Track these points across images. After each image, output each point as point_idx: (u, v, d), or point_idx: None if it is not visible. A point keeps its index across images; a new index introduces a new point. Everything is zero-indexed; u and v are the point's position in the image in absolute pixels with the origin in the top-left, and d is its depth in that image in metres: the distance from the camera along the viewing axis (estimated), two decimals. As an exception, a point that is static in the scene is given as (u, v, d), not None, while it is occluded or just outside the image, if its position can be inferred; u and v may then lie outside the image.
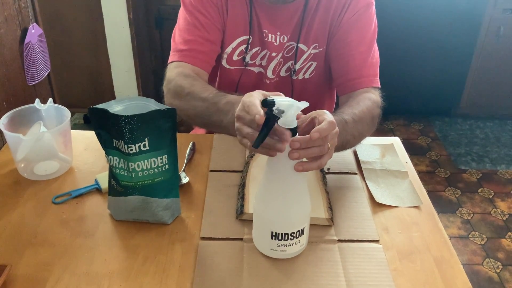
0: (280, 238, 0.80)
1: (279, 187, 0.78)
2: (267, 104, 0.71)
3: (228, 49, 1.16)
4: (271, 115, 0.70)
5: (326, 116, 0.75)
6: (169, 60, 1.14)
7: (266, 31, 1.14)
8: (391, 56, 2.81)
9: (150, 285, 0.78)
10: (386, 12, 2.64)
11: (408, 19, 2.76)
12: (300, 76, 1.20)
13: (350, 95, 1.10)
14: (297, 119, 0.74)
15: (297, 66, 1.18)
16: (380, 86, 1.12)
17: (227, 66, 1.19)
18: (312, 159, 0.74)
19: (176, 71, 1.09)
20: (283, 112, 0.71)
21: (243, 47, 1.16)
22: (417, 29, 2.80)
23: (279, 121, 0.72)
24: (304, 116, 0.80)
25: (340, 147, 0.96)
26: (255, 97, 0.75)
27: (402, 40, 2.81)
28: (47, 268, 0.81)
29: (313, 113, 0.78)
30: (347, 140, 0.96)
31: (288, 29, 1.14)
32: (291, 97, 0.74)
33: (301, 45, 1.16)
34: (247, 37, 1.14)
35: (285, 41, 1.15)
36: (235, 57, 1.18)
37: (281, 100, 0.72)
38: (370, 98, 1.06)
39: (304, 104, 0.73)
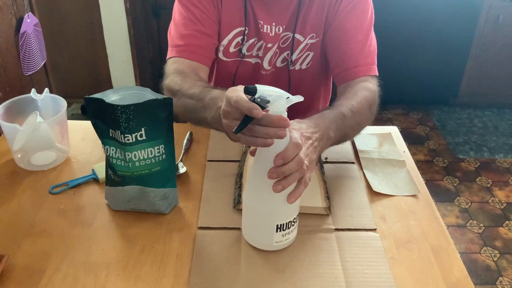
0: (284, 228, 0.80)
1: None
2: (249, 91, 0.70)
3: (224, 41, 1.16)
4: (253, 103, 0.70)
5: (292, 136, 0.75)
6: (167, 56, 1.13)
7: (262, 22, 1.13)
8: (390, 46, 2.80)
9: (147, 274, 0.79)
10: (384, 2, 2.62)
11: (406, 8, 2.75)
12: (297, 67, 1.19)
13: (348, 84, 1.10)
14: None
15: (294, 57, 1.17)
16: (378, 74, 1.11)
17: (224, 58, 1.19)
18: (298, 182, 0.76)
19: (172, 68, 1.08)
20: (268, 102, 0.70)
21: (239, 38, 1.15)
22: (416, 18, 2.78)
23: (268, 112, 0.71)
24: None
25: (340, 140, 0.96)
26: (239, 91, 0.74)
27: (400, 29, 2.80)
28: (45, 258, 0.81)
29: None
30: (346, 133, 0.96)
31: (283, 20, 1.13)
32: (288, 88, 0.74)
33: (297, 35, 1.15)
34: (243, 28, 1.14)
35: (280, 31, 1.14)
36: (231, 49, 1.17)
37: (269, 90, 0.71)
38: (367, 88, 1.05)
39: (298, 98, 0.72)
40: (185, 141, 1.10)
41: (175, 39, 1.12)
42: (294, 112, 0.90)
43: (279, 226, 0.79)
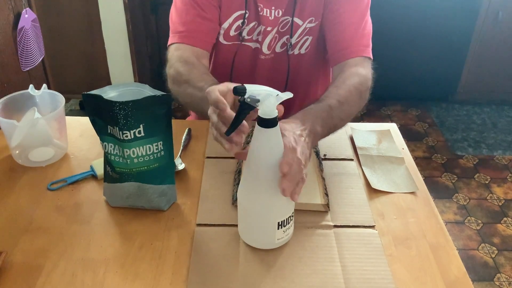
0: (285, 224, 0.80)
1: (270, 177, 0.75)
2: (238, 92, 0.70)
3: (225, 25, 1.15)
4: (243, 104, 0.69)
5: (286, 141, 0.76)
6: (169, 42, 1.14)
7: (261, 5, 1.13)
8: (389, 42, 2.80)
9: (146, 271, 0.78)
10: (384, -3, 2.62)
11: (405, 4, 2.74)
12: (296, 51, 1.20)
13: (341, 66, 1.10)
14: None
15: (293, 41, 1.18)
16: (372, 58, 1.11)
17: (224, 42, 1.19)
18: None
19: (176, 55, 1.09)
20: (258, 101, 0.69)
21: (239, 22, 1.15)
22: (415, 15, 2.78)
23: (259, 111, 0.70)
24: None
25: (329, 132, 0.96)
26: (214, 88, 0.74)
27: (399, 26, 2.80)
28: (43, 255, 0.81)
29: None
30: (335, 124, 0.96)
31: (282, 3, 1.13)
32: (287, 74, 0.74)
33: (296, 19, 1.15)
34: (243, 11, 1.14)
35: (279, 15, 1.14)
36: (232, 33, 1.17)
37: (258, 89, 0.70)
38: (358, 74, 1.05)
39: (287, 95, 0.71)
40: (183, 137, 1.10)
41: (176, 24, 1.13)
42: (293, 100, 0.91)
43: (280, 223, 0.79)
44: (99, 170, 0.98)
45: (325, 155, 1.07)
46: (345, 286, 0.77)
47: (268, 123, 0.71)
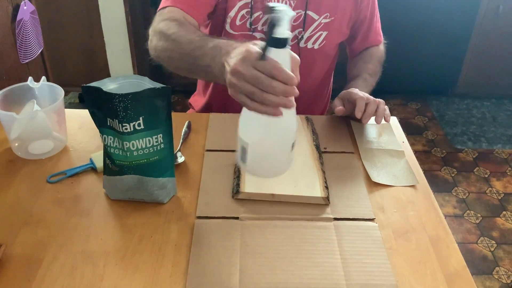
0: (293, 146, 0.79)
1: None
2: (270, 10, 0.67)
3: (232, 13, 1.14)
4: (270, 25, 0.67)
5: (356, 95, 1.06)
6: (160, 6, 1.10)
7: None
8: (389, 35, 2.78)
9: (146, 264, 0.79)
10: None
11: (406, -3, 2.73)
12: (309, 45, 1.19)
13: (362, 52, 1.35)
14: None
15: (307, 34, 1.17)
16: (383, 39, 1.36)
17: (231, 31, 1.17)
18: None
19: (167, 15, 1.05)
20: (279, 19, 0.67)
21: (244, 11, 1.14)
22: (416, 8, 2.76)
23: (276, 32, 0.67)
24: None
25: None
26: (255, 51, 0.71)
27: (400, 20, 2.78)
28: (43, 247, 0.81)
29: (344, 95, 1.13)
30: (368, 91, 1.19)
31: None
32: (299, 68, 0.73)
33: (310, 13, 1.15)
34: (249, 0, 1.12)
35: (291, 7, 1.13)
36: (237, 22, 1.16)
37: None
38: (378, 50, 1.34)
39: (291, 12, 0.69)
40: (183, 130, 1.10)
41: None
42: (301, 96, 0.91)
43: (293, 143, 0.78)
44: (99, 163, 0.97)
45: (325, 148, 1.07)
46: (344, 278, 0.77)
47: (280, 43, 0.69)
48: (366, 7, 1.24)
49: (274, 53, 0.70)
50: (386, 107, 1.08)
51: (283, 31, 0.68)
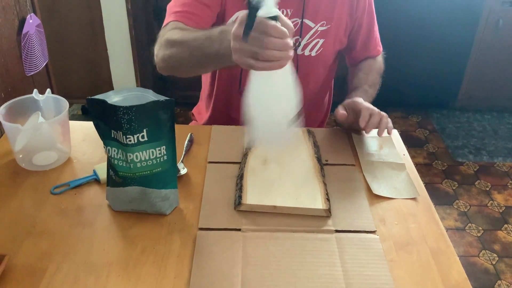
0: (298, 116, 0.83)
1: (282, 73, 0.78)
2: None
3: (229, 22, 1.16)
4: (250, 3, 0.71)
5: (360, 105, 1.08)
6: (164, 23, 1.13)
7: None
8: (390, 49, 2.80)
9: (148, 275, 0.79)
10: (385, 5, 2.63)
11: (407, 11, 2.75)
12: (307, 52, 1.21)
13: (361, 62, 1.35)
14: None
15: (304, 41, 1.19)
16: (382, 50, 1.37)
17: None
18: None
19: (169, 29, 1.08)
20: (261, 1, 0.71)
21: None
22: (416, 21, 2.79)
23: (261, 11, 0.72)
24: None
25: None
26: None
27: (401, 33, 2.81)
28: (46, 258, 0.82)
29: (348, 104, 1.13)
30: (368, 102, 1.18)
31: (291, 4, 1.14)
32: (296, 75, 0.77)
33: (307, 21, 1.17)
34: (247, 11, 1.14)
35: (288, 16, 1.15)
36: None
37: None
38: (377, 61, 1.35)
39: None
40: (186, 142, 1.11)
41: (173, 7, 1.13)
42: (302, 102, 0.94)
43: (296, 114, 0.82)
44: (102, 174, 0.98)
45: (326, 160, 1.08)
46: (346, 290, 0.77)
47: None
48: (362, 15, 1.25)
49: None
50: (389, 120, 1.09)
51: (270, 9, 0.73)
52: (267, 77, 0.77)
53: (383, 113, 1.09)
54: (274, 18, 0.73)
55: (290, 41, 0.75)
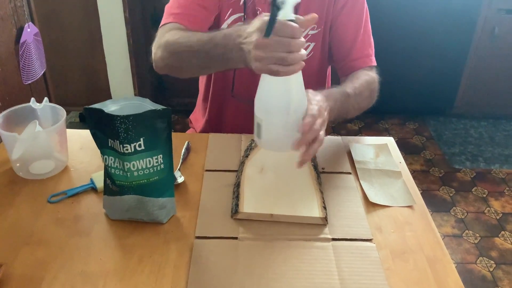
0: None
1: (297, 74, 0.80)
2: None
3: (224, 26, 1.17)
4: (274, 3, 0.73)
5: (311, 107, 0.85)
6: (161, 24, 1.13)
7: (260, 9, 1.14)
8: (386, 56, 2.82)
9: (145, 284, 0.79)
10: (381, 12, 2.65)
11: (403, 18, 2.77)
12: None
13: (351, 75, 1.20)
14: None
15: None
16: (376, 64, 1.23)
17: None
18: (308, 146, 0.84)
19: (168, 29, 1.09)
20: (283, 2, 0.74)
21: (237, 25, 1.16)
22: (412, 29, 2.81)
23: (279, 13, 0.74)
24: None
25: (343, 115, 1.07)
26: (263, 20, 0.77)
27: (397, 40, 2.82)
28: (43, 267, 0.82)
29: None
30: (348, 110, 1.08)
31: None
32: None
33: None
34: (242, 14, 1.15)
35: None
36: None
37: None
38: (368, 74, 1.18)
39: None
40: (183, 150, 1.11)
41: (171, 8, 1.14)
42: None
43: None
44: (99, 183, 0.98)
45: (323, 168, 1.08)
46: (343, 299, 0.77)
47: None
48: (341, 12, 1.20)
49: None
50: (323, 136, 0.89)
51: (288, 13, 0.75)
52: (282, 80, 0.78)
53: (323, 135, 0.88)
54: (292, 21, 0.75)
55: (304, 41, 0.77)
